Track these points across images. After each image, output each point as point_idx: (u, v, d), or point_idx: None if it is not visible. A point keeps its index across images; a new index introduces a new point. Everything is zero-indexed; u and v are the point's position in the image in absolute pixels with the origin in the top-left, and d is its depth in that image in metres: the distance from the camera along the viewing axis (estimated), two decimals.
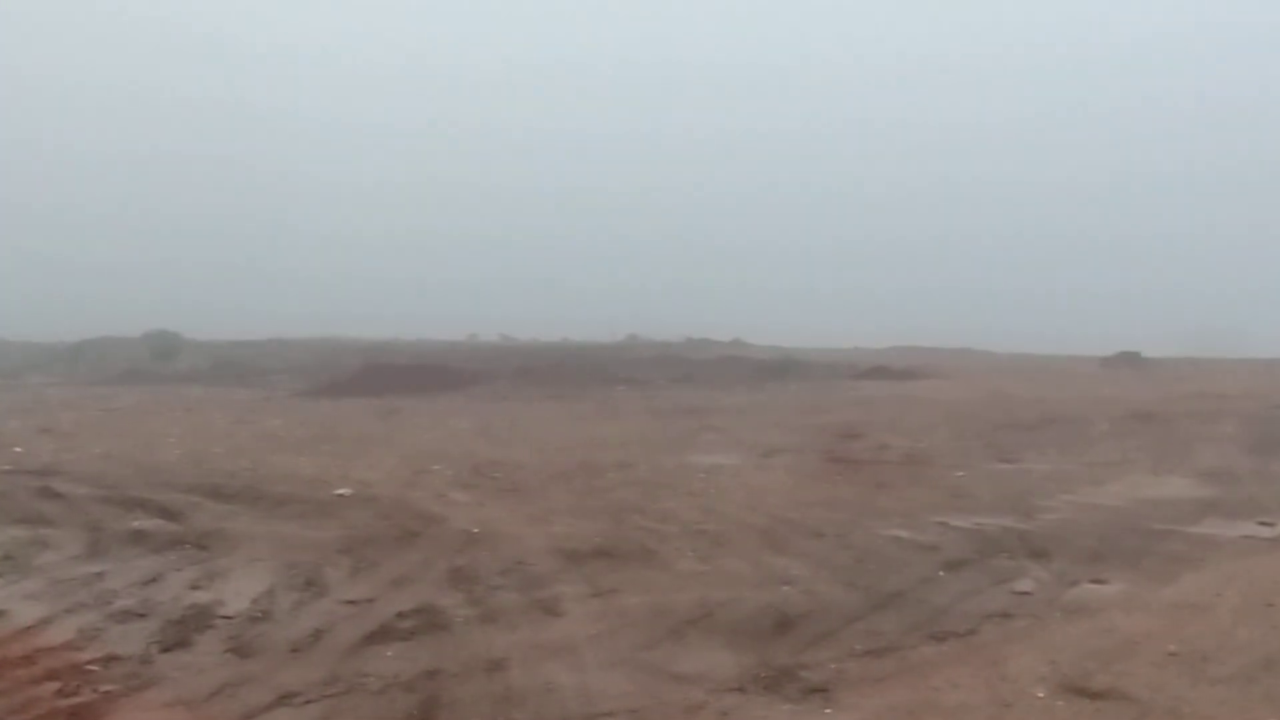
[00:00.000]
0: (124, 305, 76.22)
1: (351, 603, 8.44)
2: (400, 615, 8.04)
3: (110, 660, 7.01)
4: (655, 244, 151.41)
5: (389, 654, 7.18)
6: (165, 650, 7.26)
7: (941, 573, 9.56)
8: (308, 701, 6.31)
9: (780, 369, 43.64)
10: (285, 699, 6.34)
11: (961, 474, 15.72)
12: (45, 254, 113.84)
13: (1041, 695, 6.36)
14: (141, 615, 8.07)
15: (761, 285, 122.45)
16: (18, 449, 18.61)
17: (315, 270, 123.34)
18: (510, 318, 74.46)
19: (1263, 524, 11.92)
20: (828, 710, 6.21)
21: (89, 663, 6.96)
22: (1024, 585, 9.11)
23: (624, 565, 9.73)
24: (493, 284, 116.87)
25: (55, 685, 6.53)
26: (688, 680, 6.69)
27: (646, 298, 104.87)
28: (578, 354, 48.77)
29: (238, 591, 8.75)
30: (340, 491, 13.53)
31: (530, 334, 62.16)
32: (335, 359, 45.60)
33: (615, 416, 26.00)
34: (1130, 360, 51.44)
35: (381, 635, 7.58)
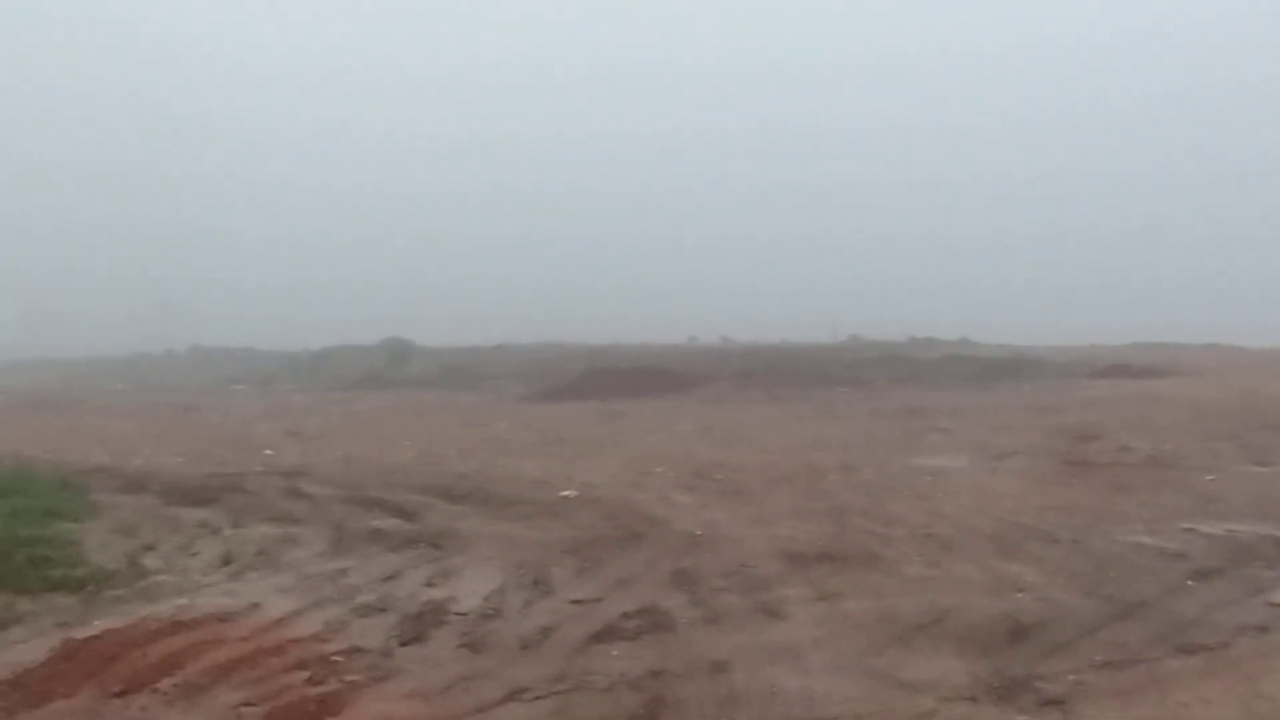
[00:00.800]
0: (362, 316, 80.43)
1: (578, 602, 8.60)
2: (625, 615, 8.14)
3: (353, 652, 7.37)
4: (877, 240, 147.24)
5: (615, 653, 7.28)
6: (404, 644, 7.58)
7: (1190, 581, 8.99)
8: (538, 697, 6.46)
9: (1011, 368, 42.01)
10: (516, 694, 6.52)
11: (1211, 478, 14.75)
12: (295, 275, 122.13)
13: None
14: (381, 610, 8.45)
15: (990, 280, 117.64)
16: (268, 451, 19.88)
17: (538, 277, 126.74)
18: (730, 320, 74.50)
19: None
20: None
21: (334, 654, 7.33)
22: None
23: (848, 569, 9.57)
24: (713, 286, 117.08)
25: (305, 674, 6.91)
26: (916, 687, 6.53)
27: (869, 296, 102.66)
28: (798, 355, 48.27)
29: (470, 589, 9.05)
30: (565, 493, 13.83)
31: (750, 336, 61.85)
32: (558, 364, 46.63)
33: (837, 418, 25.65)
34: None
35: (607, 634, 7.69)
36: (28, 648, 7.74)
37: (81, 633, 7.97)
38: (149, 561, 10.31)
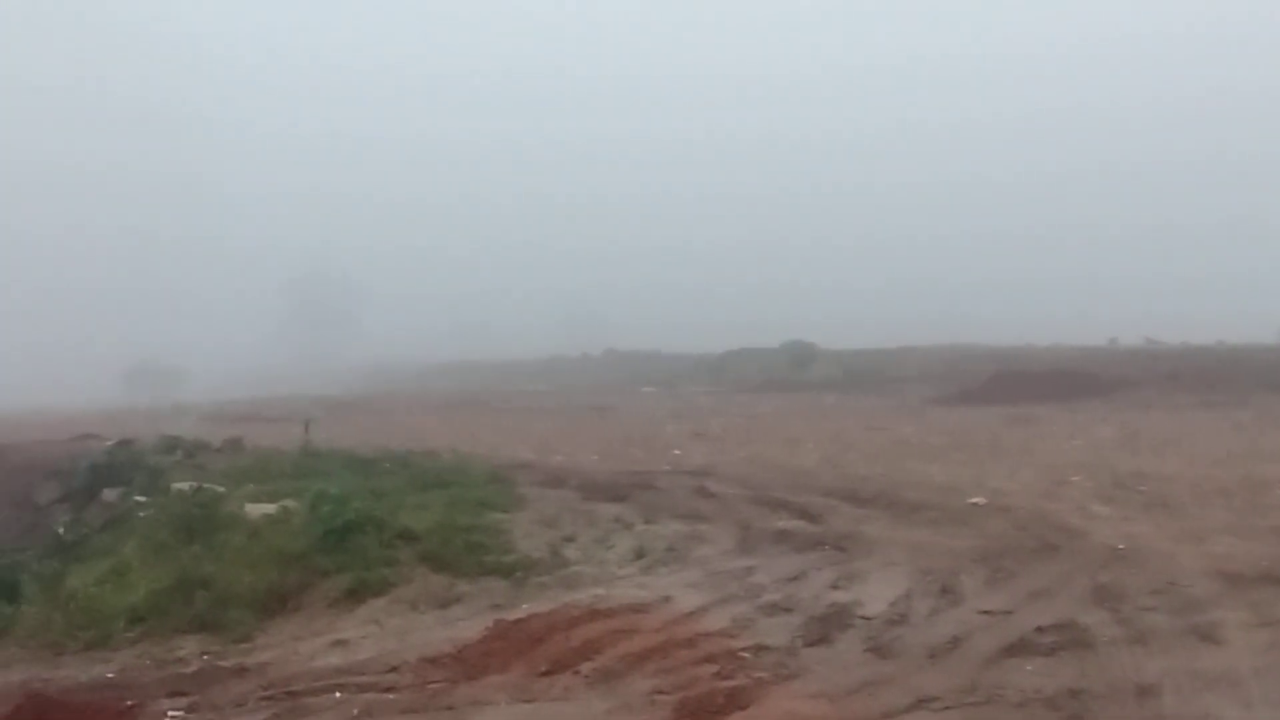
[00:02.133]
0: (765, 319, 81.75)
1: (988, 613, 8.31)
2: (1040, 630, 7.79)
3: (760, 649, 7.51)
4: None
5: (1028, 668, 6.98)
6: (809, 645, 7.64)
7: None
8: (946, 708, 6.31)
9: None
10: (924, 703, 6.39)
11: None
12: (702, 280, 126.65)
13: None
14: (787, 610, 8.56)
15: None
16: (676, 451, 20.66)
17: (940, 276, 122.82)
18: (1157, 319, 68.99)
19: None
20: None
21: (742, 650, 7.51)
22: None
23: None
24: (1136, 283, 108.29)
25: (714, 668, 7.13)
26: None
27: None
28: (1236, 358, 44.05)
29: (875, 594, 8.97)
30: (974, 500, 13.38)
31: (1179, 337, 57.08)
32: (965, 366, 45.25)
33: None
34: None
35: (1020, 648, 7.39)
36: (467, 625, 8.53)
37: (511, 614, 8.67)
38: (569, 552, 11.03)
